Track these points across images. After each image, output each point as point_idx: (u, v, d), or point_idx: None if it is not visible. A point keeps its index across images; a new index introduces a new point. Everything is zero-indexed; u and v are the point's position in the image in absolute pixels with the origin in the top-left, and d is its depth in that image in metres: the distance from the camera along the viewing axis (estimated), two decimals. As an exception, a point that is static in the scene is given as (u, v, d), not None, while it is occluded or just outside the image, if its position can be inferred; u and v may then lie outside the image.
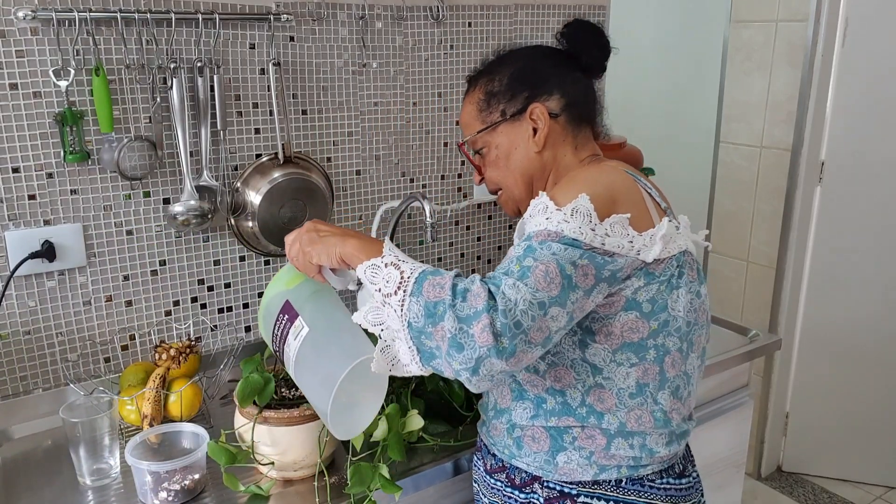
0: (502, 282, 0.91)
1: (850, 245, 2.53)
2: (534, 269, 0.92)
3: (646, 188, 1.08)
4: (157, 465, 1.14)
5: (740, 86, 2.61)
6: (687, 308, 1.06)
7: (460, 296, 0.90)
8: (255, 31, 1.53)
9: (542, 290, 0.91)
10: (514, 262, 0.94)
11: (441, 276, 0.94)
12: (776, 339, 1.79)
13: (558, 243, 0.95)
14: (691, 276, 1.08)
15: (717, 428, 1.71)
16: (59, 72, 1.34)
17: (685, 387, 1.11)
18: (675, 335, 1.06)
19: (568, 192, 1.00)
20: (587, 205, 0.97)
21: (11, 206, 1.37)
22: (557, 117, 1.16)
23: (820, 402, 2.70)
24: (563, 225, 0.96)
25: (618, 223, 0.99)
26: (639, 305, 1.03)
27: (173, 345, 1.44)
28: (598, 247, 0.97)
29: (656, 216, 1.05)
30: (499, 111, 1.17)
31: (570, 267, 0.93)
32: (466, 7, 1.80)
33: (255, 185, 1.57)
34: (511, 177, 1.19)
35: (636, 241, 1.00)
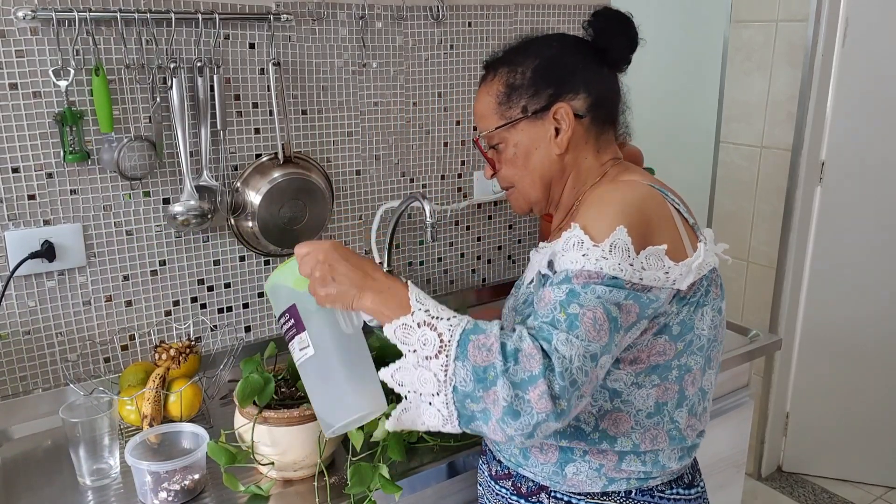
0: (553, 337, 0.85)
1: (851, 245, 2.53)
2: (581, 317, 0.87)
3: (674, 204, 1.03)
4: (157, 465, 1.14)
5: (740, 86, 2.61)
6: (710, 325, 1.03)
7: (512, 358, 0.84)
8: (255, 31, 1.53)
9: (594, 341, 0.86)
10: (557, 308, 0.88)
11: (485, 334, 0.86)
12: (776, 340, 1.79)
13: (602, 285, 0.89)
14: (716, 294, 1.04)
15: (718, 428, 1.71)
16: (59, 72, 1.34)
17: (701, 403, 1.09)
18: (698, 353, 1.03)
19: (601, 222, 0.94)
20: (625, 238, 0.92)
21: (11, 206, 1.37)
22: (582, 118, 1.09)
23: (820, 402, 2.70)
24: (603, 263, 0.91)
25: (654, 255, 0.93)
26: (669, 329, 0.99)
27: (173, 345, 1.44)
28: (637, 282, 0.92)
29: (687, 239, 1.00)
30: (520, 107, 1.10)
31: (615, 309, 0.89)
32: (466, 7, 1.80)
33: (255, 185, 1.57)
34: (528, 178, 1.12)
35: (672, 271, 0.95)
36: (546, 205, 1.15)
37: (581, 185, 1.12)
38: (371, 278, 0.95)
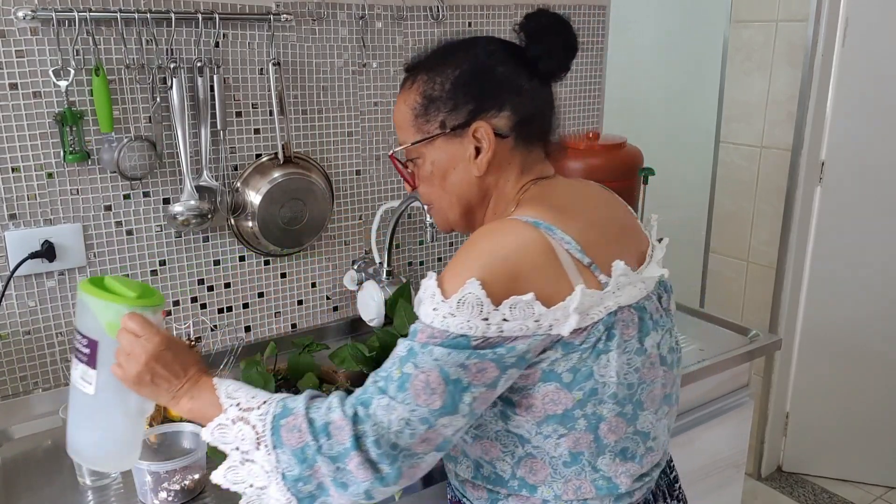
0: (373, 402, 0.85)
1: (851, 245, 2.53)
2: (413, 379, 0.84)
3: (565, 245, 0.91)
4: (157, 465, 1.14)
5: (740, 86, 2.61)
6: (622, 371, 0.93)
7: (323, 434, 0.85)
8: (255, 31, 1.53)
9: (423, 405, 0.84)
10: (396, 364, 0.87)
11: (293, 415, 0.86)
12: (776, 340, 1.79)
13: (441, 347, 0.85)
14: (627, 335, 0.94)
15: (718, 428, 1.71)
16: (59, 72, 1.34)
17: (640, 444, 0.99)
18: (610, 402, 0.93)
19: (455, 274, 0.87)
20: (477, 292, 0.85)
21: (11, 206, 1.37)
22: (505, 138, 0.99)
23: (820, 402, 2.70)
24: (449, 321, 0.85)
25: (519, 304, 0.86)
26: (558, 377, 0.91)
27: None
28: (494, 336, 0.86)
29: (577, 278, 0.90)
30: (438, 122, 0.99)
31: (456, 371, 0.85)
32: (466, 7, 1.80)
33: (255, 185, 1.57)
34: (446, 198, 1.04)
35: (545, 317, 0.87)
36: (467, 227, 1.07)
37: (502, 210, 1.03)
38: (191, 383, 0.94)
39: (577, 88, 2.08)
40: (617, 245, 0.99)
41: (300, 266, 1.73)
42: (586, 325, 0.90)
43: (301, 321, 1.76)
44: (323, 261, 1.76)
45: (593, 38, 2.06)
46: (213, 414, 0.91)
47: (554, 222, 0.92)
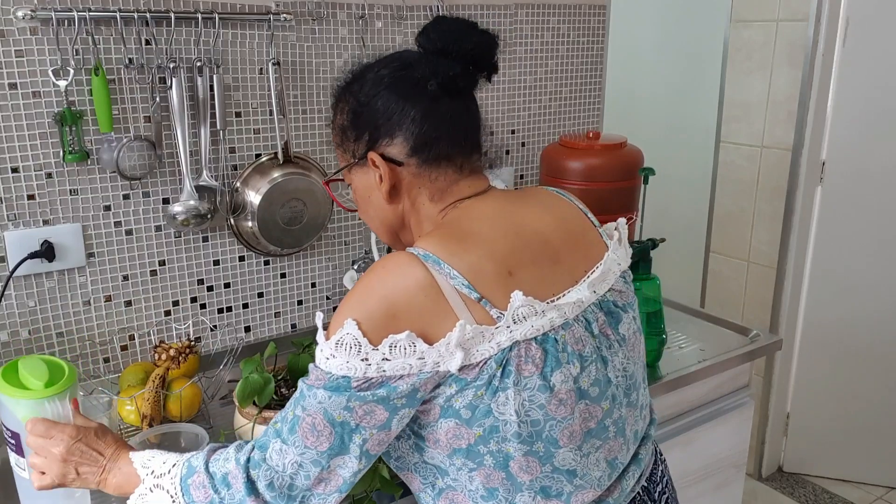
0: (269, 446, 0.88)
1: (851, 245, 2.53)
2: (301, 422, 0.87)
3: (449, 278, 0.87)
4: (157, 466, 1.14)
5: (740, 86, 2.61)
6: (523, 409, 0.88)
7: (223, 485, 0.89)
8: (254, 31, 1.53)
9: (312, 447, 0.86)
10: (290, 406, 0.89)
11: (196, 472, 0.91)
12: (777, 340, 1.79)
13: (323, 389, 0.85)
14: (527, 371, 0.88)
15: (718, 428, 1.71)
16: (59, 71, 1.34)
17: (565, 482, 0.94)
18: (514, 440, 0.88)
19: (337, 315, 0.87)
20: (354, 332, 0.84)
21: (11, 206, 1.36)
22: (402, 165, 0.97)
23: (821, 403, 2.70)
24: (331, 362, 0.85)
25: (399, 343, 0.84)
26: (456, 412, 0.88)
27: (173, 345, 1.44)
28: (375, 377, 0.85)
29: (463, 313, 0.87)
30: (350, 151, 1.01)
31: (341, 414, 0.85)
32: (466, 7, 1.80)
33: (254, 185, 1.57)
34: (371, 222, 1.07)
35: (428, 354, 0.85)
36: (400, 246, 1.06)
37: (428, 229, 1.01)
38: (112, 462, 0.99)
39: (577, 88, 2.07)
40: (536, 269, 0.93)
41: (300, 266, 1.73)
42: (476, 361, 0.87)
43: (301, 321, 1.76)
44: (323, 261, 1.75)
45: (593, 38, 2.06)
46: (135, 483, 0.96)
47: (444, 255, 0.89)
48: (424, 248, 0.90)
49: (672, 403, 1.62)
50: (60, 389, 1.04)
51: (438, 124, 0.97)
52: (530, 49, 1.94)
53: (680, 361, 1.65)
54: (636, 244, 1.60)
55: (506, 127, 1.96)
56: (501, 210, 0.99)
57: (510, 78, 1.93)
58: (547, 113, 2.03)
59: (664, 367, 1.61)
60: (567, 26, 1.99)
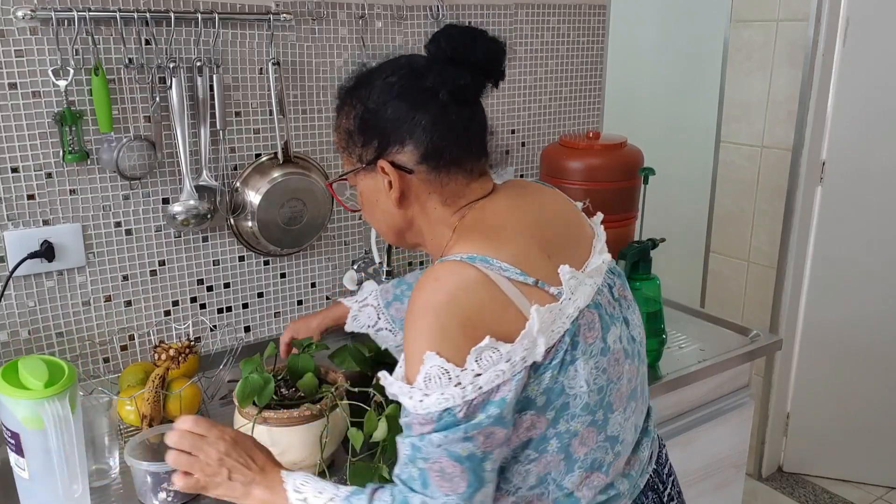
0: (411, 501, 0.86)
1: (851, 245, 2.52)
2: (429, 472, 0.85)
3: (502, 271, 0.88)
4: (157, 466, 1.14)
5: (740, 86, 2.61)
6: (591, 377, 0.92)
7: None
8: (254, 31, 1.53)
9: (451, 493, 0.85)
10: (408, 464, 0.87)
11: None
12: (777, 340, 1.79)
13: (436, 432, 0.84)
14: (592, 336, 0.92)
15: (718, 428, 1.71)
16: (59, 71, 1.34)
17: (609, 452, 0.98)
18: (582, 414, 0.92)
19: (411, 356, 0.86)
20: (439, 362, 0.83)
21: (10, 206, 1.36)
22: (412, 172, 0.97)
23: (821, 403, 2.69)
24: (426, 402, 0.84)
25: (484, 352, 0.84)
26: (532, 402, 0.89)
27: (173, 345, 1.44)
28: (475, 396, 0.84)
29: (525, 304, 0.88)
30: (357, 155, 1.01)
31: (465, 448, 0.84)
32: (466, 7, 1.80)
33: (254, 185, 1.57)
34: (379, 226, 1.07)
35: (514, 353, 0.85)
36: (409, 246, 1.09)
37: (439, 235, 1.01)
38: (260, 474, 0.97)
39: (577, 88, 2.07)
40: (561, 249, 0.97)
41: (300, 266, 1.72)
42: (554, 341, 0.89)
43: (301, 321, 1.75)
44: (323, 261, 1.75)
45: (593, 38, 2.06)
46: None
47: (489, 252, 0.90)
48: (467, 251, 0.91)
49: (672, 403, 1.62)
50: (60, 389, 1.04)
51: (448, 132, 0.97)
52: (530, 49, 1.94)
53: (680, 361, 1.65)
54: (636, 244, 1.60)
55: (506, 127, 1.96)
56: (514, 205, 1.01)
57: (510, 78, 1.93)
58: (547, 113, 2.03)
59: (664, 367, 1.61)
60: (567, 26, 1.99)
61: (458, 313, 0.85)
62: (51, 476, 1.08)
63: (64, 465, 1.07)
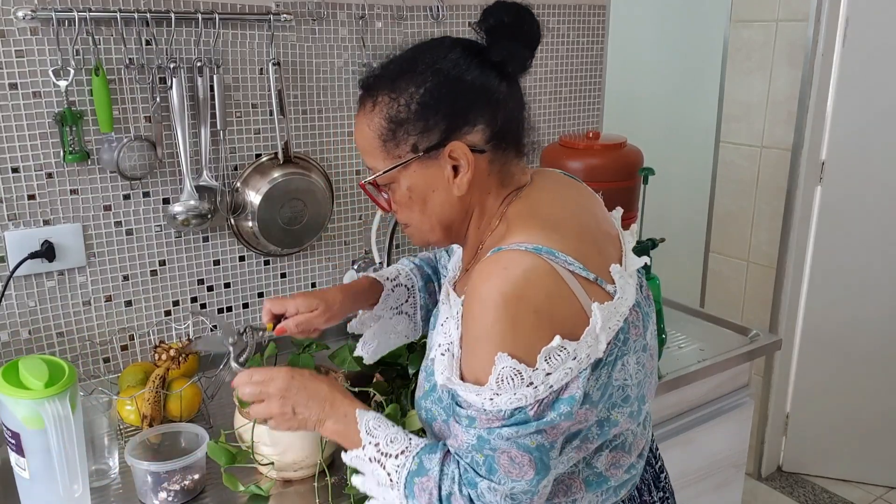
0: (478, 485, 0.87)
1: (851, 245, 2.53)
2: (498, 459, 0.86)
3: (567, 265, 0.88)
4: (157, 465, 1.14)
5: (740, 86, 2.61)
6: (634, 370, 0.94)
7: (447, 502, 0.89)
8: (255, 31, 1.53)
9: (519, 479, 0.86)
10: (473, 451, 0.88)
11: (427, 476, 0.90)
12: (776, 340, 1.79)
13: (506, 426, 0.85)
14: (636, 333, 0.94)
15: (718, 428, 1.71)
16: (59, 71, 1.34)
17: (639, 436, 1.02)
18: (623, 405, 0.94)
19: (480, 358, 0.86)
20: (510, 363, 0.83)
21: (11, 206, 1.37)
22: (483, 153, 0.94)
23: (820, 403, 2.70)
24: (498, 401, 0.84)
25: (552, 352, 0.84)
26: (589, 398, 0.90)
27: (173, 345, 1.44)
28: (547, 396, 0.85)
29: (586, 300, 0.87)
30: (409, 145, 0.93)
31: (534, 439, 0.85)
32: (466, 7, 1.80)
33: (254, 185, 1.57)
34: (427, 222, 0.99)
35: (579, 350, 0.85)
36: (449, 243, 1.04)
37: (486, 225, 0.99)
38: (329, 406, 1.00)
39: (577, 88, 2.07)
40: (604, 247, 0.97)
41: (300, 266, 1.73)
42: (611, 339, 0.90)
43: (301, 321, 1.75)
44: (323, 261, 1.75)
45: (593, 38, 2.06)
46: (352, 445, 0.97)
47: (552, 244, 0.89)
48: (533, 242, 0.89)
49: (672, 403, 1.62)
50: (61, 389, 1.04)
51: (513, 108, 0.96)
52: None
53: (680, 361, 1.65)
54: (636, 244, 1.60)
55: (506, 127, 1.96)
56: (558, 196, 1.01)
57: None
58: (547, 113, 2.03)
59: (664, 367, 1.61)
60: (567, 26, 1.99)
61: (529, 306, 0.84)
62: (51, 476, 1.08)
63: (64, 464, 1.07)
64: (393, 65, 0.96)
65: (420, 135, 0.92)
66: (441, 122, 0.92)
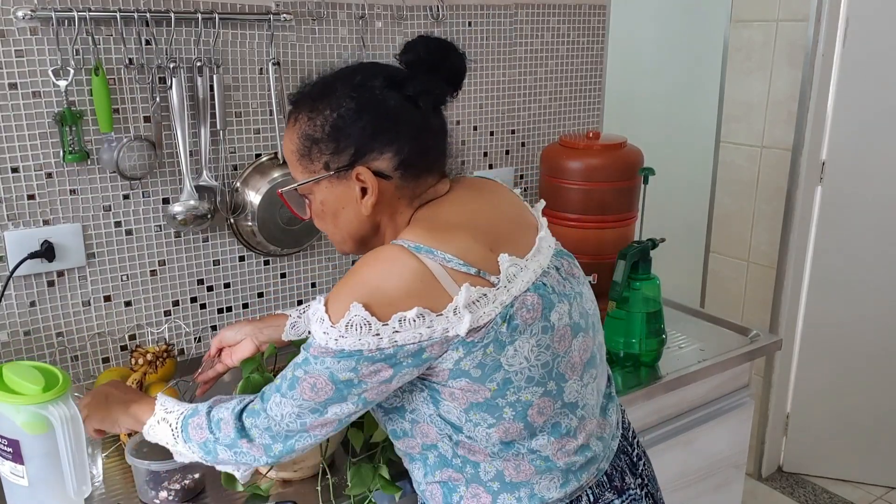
0: (270, 398, 0.98)
1: (851, 245, 2.53)
2: (301, 381, 0.95)
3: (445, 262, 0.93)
4: (157, 465, 1.14)
5: (740, 86, 2.61)
6: (532, 354, 0.97)
7: (216, 428, 1.01)
8: (254, 31, 1.53)
9: (309, 400, 0.95)
10: (291, 368, 0.97)
11: (198, 415, 1.03)
12: (777, 340, 1.79)
13: (333, 358, 0.92)
14: (531, 317, 0.96)
15: (718, 428, 1.71)
16: (59, 71, 1.34)
17: (571, 416, 1.03)
18: (530, 385, 0.97)
19: (339, 302, 0.91)
20: (362, 314, 0.89)
21: (11, 206, 1.37)
22: (389, 178, 1.00)
23: (820, 403, 2.70)
24: (342, 341, 0.91)
25: (407, 318, 0.90)
26: (466, 373, 0.95)
27: (149, 349, 1.40)
28: (388, 346, 0.90)
29: (454, 288, 0.92)
30: (322, 163, 1.00)
31: (346, 375, 0.92)
32: (466, 7, 1.80)
33: (254, 185, 1.57)
34: (339, 234, 1.07)
35: (438, 322, 0.91)
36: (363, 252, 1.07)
37: (395, 234, 1.04)
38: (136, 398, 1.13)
39: (577, 88, 2.07)
40: (506, 242, 1.01)
41: (300, 266, 1.73)
42: (483, 322, 0.93)
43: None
44: (323, 261, 1.75)
45: (593, 38, 2.06)
46: (147, 418, 1.09)
47: (435, 244, 0.94)
48: (414, 240, 0.95)
49: (672, 403, 1.62)
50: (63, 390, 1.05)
51: (427, 139, 1.02)
52: (530, 49, 1.94)
53: (680, 361, 1.65)
54: (636, 244, 1.60)
55: (506, 127, 1.96)
56: (463, 202, 1.06)
57: (510, 78, 1.93)
58: (547, 113, 2.03)
59: (664, 367, 1.61)
60: (567, 26, 1.99)
61: (386, 292, 0.91)
62: (57, 479, 1.07)
63: (72, 467, 1.07)
64: (317, 86, 1.02)
65: (332, 155, 0.99)
66: (350, 146, 0.98)
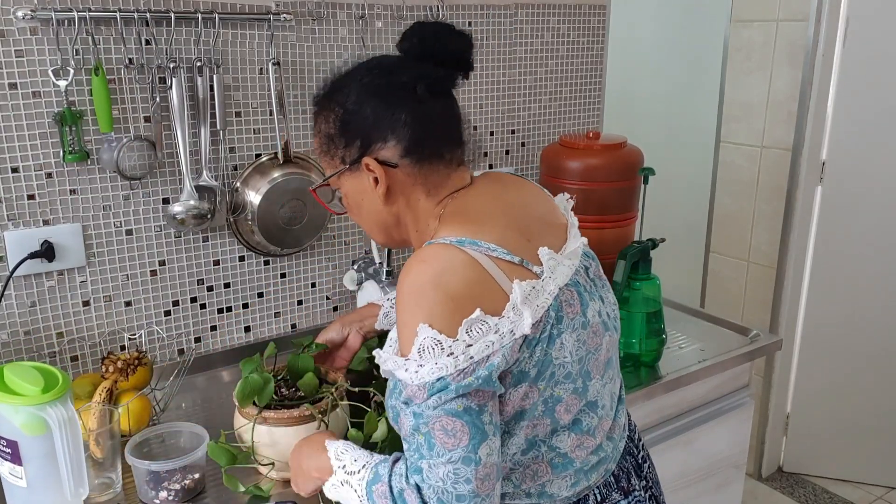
0: (422, 469, 0.91)
1: (851, 245, 2.53)
2: (433, 432, 0.89)
3: (489, 252, 0.94)
4: (157, 465, 1.14)
5: (740, 86, 2.61)
6: (574, 348, 0.98)
7: (400, 500, 0.93)
8: (254, 31, 1.53)
9: (455, 448, 0.89)
10: (414, 434, 0.92)
11: (381, 482, 0.95)
12: (777, 340, 1.79)
13: (431, 396, 0.89)
14: (572, 312, 0.98)
15: (718, 428, 1.71)
16: (59, 71, 1.34)
17: (592, 414, 1.03)
18: (565, 381, 0.98)
19: (404, 329, 0.91)
20: (431, 333, 0.88)
21: (11, 206, 1.37)
22: (396, 166, 1.01)
23: (821, 403, 2.70)
24: (422, 372, 0.89)
25: (474, 324, 0.89)
26: (527, 375, 0.94)
27: (120, 356, 1.36)
28: (466, 365, 0.88)
29: (506, 281, 0.93)
30: (339, 157, 1.04)
31: (460, 403, 0.88)
32: (466, 7, 1.80)
33: (254, 185, 1.57)
34: (366, 225, 1.10)
35: (502, 325, 0.90)
36: (396, 245, 1.12)
37: (424, 227, 1.06)
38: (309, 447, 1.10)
39: (577, 88, 2.07)
40: (539, 234, 1.03)
41: (300, 266, 1.73)
42: (540, 315, 0.94)
43: (301, 321, 1.76)
44: (323, 261, 1.75)
45: (593, 38, 2.06)
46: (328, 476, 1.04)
47: (476, 235, 0.96)
48: (455, 235, 0.96)
49: (672, 403, 1.62)
50: (62, 392, 1.05)
51: (428, 124, 1.02)
52: (530, 49, 1.94)
53: (680, 361, 1.65)
54: (636, 244, 1.60)
55: (506, 127, 1.96)
56: (493, 194, 1.07)
57: (510, 78, 1.93)
58: (547, 113, 2.03)
59: (664, 367, 1.61)
60: (567, 26, 1.99)
61: (446, 290, 0.90)
62: (55, 480, 1.07)
63: (70, 469, 1.07)
64: (329, 84, 1.07)
65: (345, 149, 1.03)
66: (357, 139, 1.02)
